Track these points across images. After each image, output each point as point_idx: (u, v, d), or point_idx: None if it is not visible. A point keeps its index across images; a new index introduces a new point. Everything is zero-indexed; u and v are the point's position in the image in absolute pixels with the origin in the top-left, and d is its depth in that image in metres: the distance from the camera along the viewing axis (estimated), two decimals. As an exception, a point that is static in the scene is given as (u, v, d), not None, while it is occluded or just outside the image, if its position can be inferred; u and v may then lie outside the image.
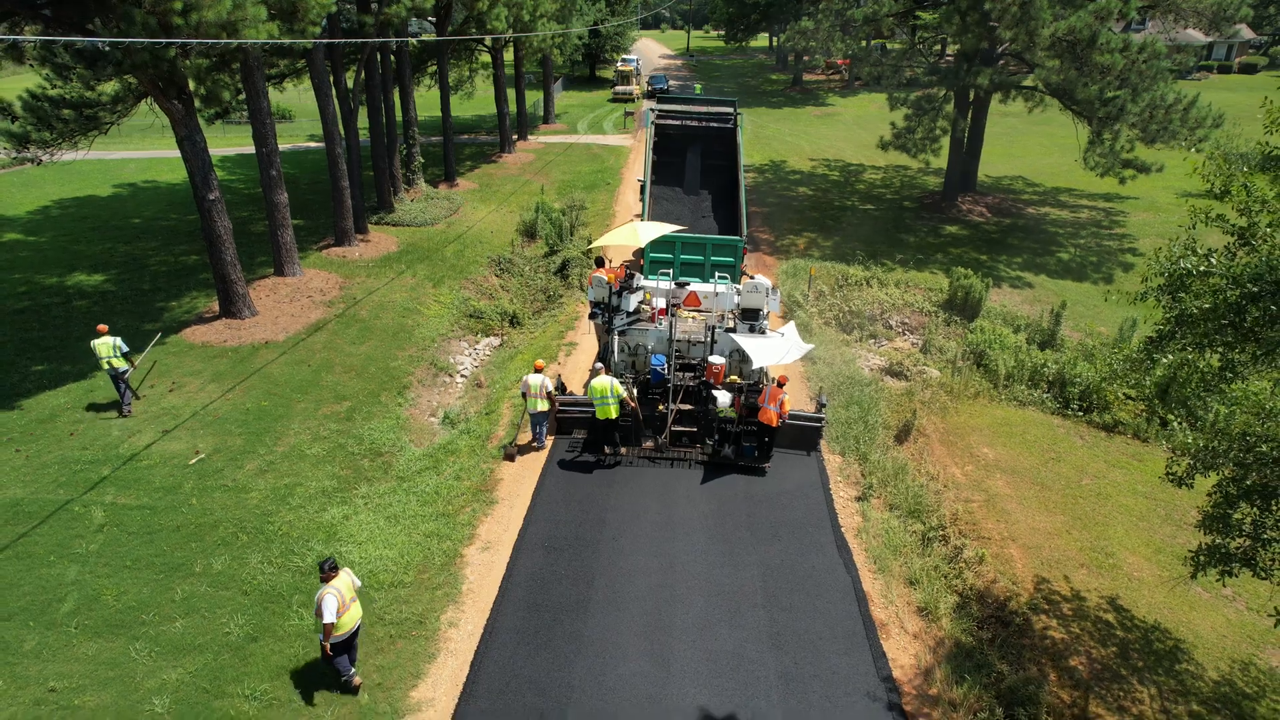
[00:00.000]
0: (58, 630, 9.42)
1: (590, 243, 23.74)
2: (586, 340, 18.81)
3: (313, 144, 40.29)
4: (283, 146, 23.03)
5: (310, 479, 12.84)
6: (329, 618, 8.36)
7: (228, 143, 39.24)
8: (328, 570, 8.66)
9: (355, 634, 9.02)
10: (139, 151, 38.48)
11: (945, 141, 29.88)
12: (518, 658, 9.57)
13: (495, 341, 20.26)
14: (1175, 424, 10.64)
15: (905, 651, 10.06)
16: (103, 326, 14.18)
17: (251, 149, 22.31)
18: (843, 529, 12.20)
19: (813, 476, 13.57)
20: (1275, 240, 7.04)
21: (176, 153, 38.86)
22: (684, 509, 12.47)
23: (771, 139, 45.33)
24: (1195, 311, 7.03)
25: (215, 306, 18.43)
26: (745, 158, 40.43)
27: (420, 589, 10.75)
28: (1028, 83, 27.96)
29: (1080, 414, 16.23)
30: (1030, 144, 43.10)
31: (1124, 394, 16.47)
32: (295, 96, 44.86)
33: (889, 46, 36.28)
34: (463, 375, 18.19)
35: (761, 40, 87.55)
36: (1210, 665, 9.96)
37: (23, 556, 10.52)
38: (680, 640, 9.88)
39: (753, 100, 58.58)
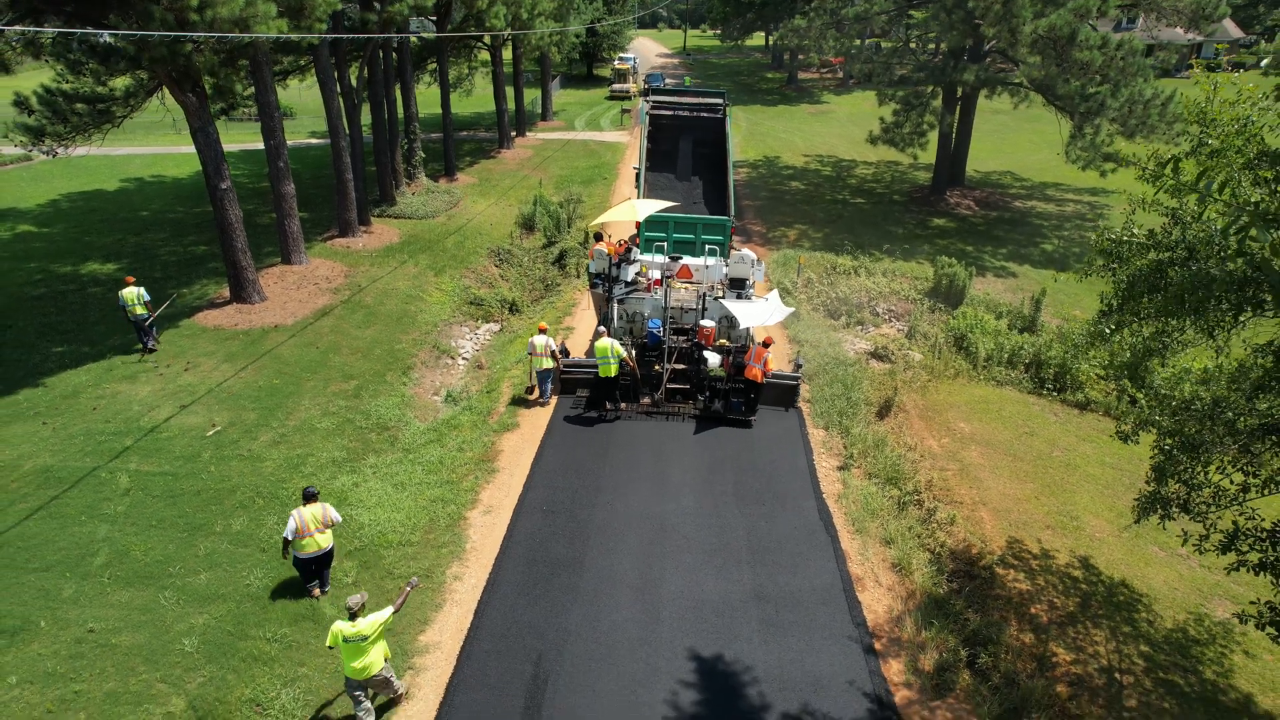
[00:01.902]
0: (92, 580, 10.14)
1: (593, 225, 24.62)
2: (583, 325, 19.55)
3: (314, 140, 40.96)
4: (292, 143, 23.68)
5: (321, 450, 13.57)
6: (285, 533, 9.81)
7: (230, 139, 39.52)
8: (305, 498, 10.04)
9: (323, 560, 10.23)
10: (144, 147, 39.14)
11: (934, 137, 30.68)
12: (518, 607, 10.31)
13: (495, 327, 21.00)
14: (1143, 401, 11.32)
15: (879, 602, 10.80)
16: (130, 279, 16.32)
17: (253, 145, 23.07)
18: (824, 495, 12.96)
19: (793, 431, 14.79)
20: (1203, 217, 7.79)
21: (181, 148, 39.57)
22: (675, 474, 13.24)
23: (766, 135, 46.09)
24: (1125, 280, 7.80)
25: (226, 292, 19.14)
26: (740, 154, 41.21)
27: (426, 547, 11.47)
28: (1014, 79, 28.76)
29: (1054, 393, 17.01)
30: (1019, 140, 43.92)
31: (1096, 374, 17.24)
32: (296, 95, 45.60)
33: (883, 45, 37.09)
34: (464, 358, 18.93)
35: (758, 39, 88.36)
36: (1166, 615, 10.72)
37: (56, 516, 11.24)
38: (669, 591, 10.62)
39: (748, 98, 59.33)
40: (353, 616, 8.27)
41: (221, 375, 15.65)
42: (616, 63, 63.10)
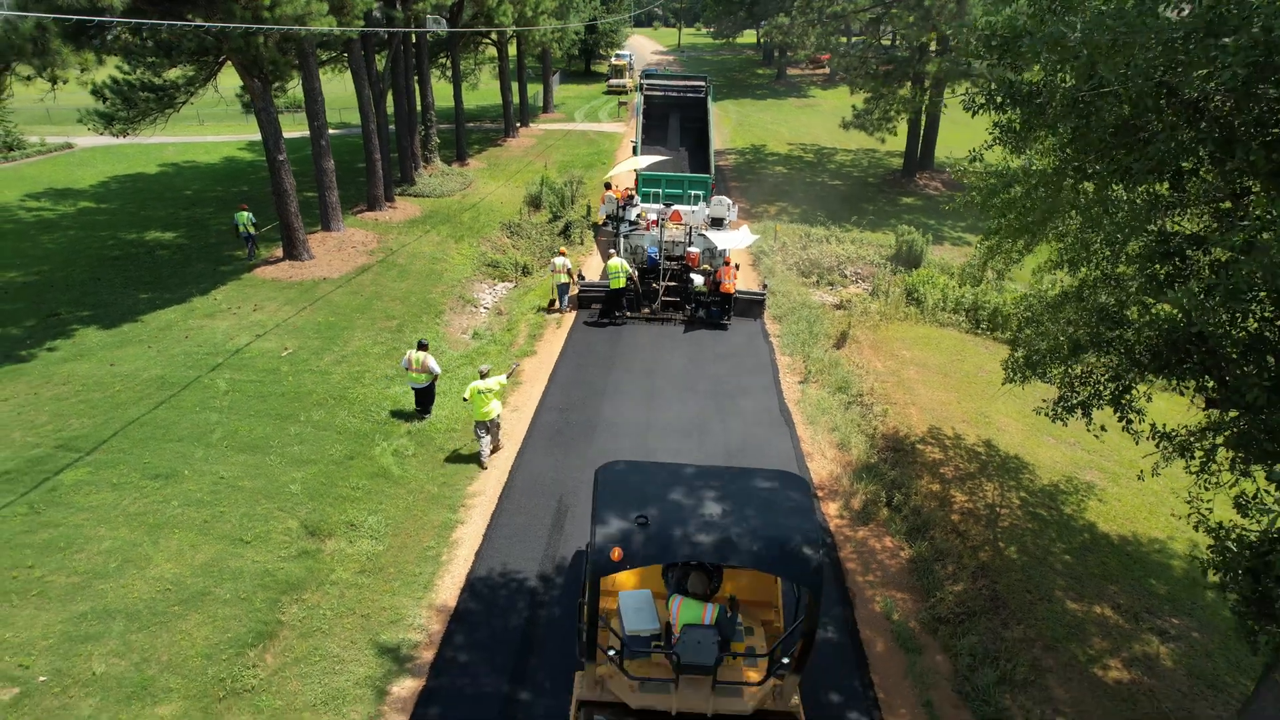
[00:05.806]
0: (215, 448, 13.12)
1: (595, 201, 27.73)
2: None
3: (331, 130, 43.75)
4: (304, 132, 26.52)
5: (376, 367, 16.56)
6: (402, 363, 14.35)
7: (255, 129, 42.72)
8: (418, 346, 14.26)
9: (422, 394, 14.50)
10: (173, 136, 41.88)
11: (905, 126, 33.70)
12: (543, 468, 13.35)
13: (510, 285, 23.99)
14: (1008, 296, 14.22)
15: (824, 469, 13.84)
16: (243, 205, 22.42)
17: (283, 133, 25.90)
18: (785, 399, 16.00)
19: (758, 334, 19.06)
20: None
21: (207, 138, 42.64)
22: (666, 369, 16.89)
23: (754, 126, 49.13)
24: (979, 199, 10.91)
25: (278, 252, 22.11)
26: (729, 143, 44.26)
27: (468, 433, 14.45)
28: (973, 71, 31.79)
29: (988, 332, 20.06)
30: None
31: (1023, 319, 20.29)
32: (313, 88, 48.45)
33: (869, 42, 40.18)
34: (485, 307, 21.93)
35: (749, 37, 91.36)
36: (1045, 477, 13.79)
37: (176, 408, 14.22)
38: (661, 460, 13.65)
39: (739, 92, 62.35)
40: (483, 376, 12.89)
41: (285, 315, 18.63)
42: (614, 59, 66.09)
